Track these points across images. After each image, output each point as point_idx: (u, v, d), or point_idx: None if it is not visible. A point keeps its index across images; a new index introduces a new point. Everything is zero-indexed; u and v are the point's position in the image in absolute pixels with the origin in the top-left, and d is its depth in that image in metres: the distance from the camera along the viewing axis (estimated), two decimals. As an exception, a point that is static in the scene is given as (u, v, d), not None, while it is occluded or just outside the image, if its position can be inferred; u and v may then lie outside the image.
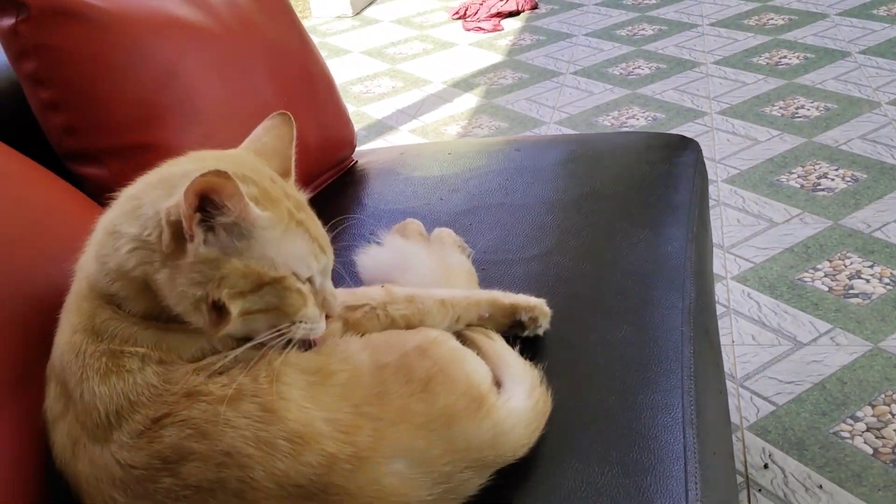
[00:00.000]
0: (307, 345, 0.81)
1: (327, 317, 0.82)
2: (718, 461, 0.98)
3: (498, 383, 0.90)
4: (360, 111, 3.55)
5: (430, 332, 0.88)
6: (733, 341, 1.92)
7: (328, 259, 0.81)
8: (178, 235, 0.72)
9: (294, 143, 0.88)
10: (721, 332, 1.68)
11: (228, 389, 0.73)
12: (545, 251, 1.21)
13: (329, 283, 0.82)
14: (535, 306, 1.02)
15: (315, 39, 4.49)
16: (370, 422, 0.75)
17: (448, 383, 0.81)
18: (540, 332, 1.02)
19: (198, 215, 0.70)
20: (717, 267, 2.08)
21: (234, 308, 0.73)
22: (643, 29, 4.05)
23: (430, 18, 4.69)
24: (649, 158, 1.47)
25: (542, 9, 4.56)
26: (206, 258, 0.72)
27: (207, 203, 0.70)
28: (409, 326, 0.91)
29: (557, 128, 3.15)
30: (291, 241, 0.76)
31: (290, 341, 0.77)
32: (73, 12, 1.10)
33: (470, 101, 3.52)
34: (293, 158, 0.87)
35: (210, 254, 0.72)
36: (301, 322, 0.77)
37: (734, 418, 1.70)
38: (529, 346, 1.01)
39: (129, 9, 1.17)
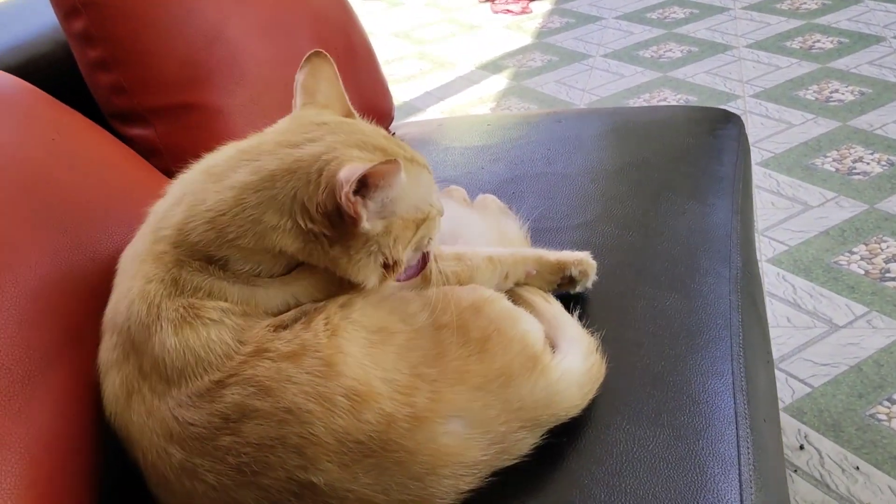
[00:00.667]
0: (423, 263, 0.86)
1: None
2: (769, 428, 0.97)
3: (553, 345, 0.90)
4: (389, 91, 3.54)
5: (484, 290, 0.88)
6: (768, 323, 1.90)
7: (432, 174, 0.86)
8: (336, 222, 0.75)
9: (340, 80, 0.89)
10: (759, 310, 1.66)
11: (293, 345, 0.73)
12: (590, 220, 1.21)
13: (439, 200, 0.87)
14: (583, 259, 1.02)
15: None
16: (427, 383, 0.75)
17: (504, 343, 0.81)
18: (589, 284, 1.03)
19: (359, 199, 0.73)
20: (752, 248, 2.06)
21: (405, 255, 0.80)
22: (674, 12, 4.01)
23: (457, 1, 4.67)
24: (692, 130, 1.45)
25: (571, -9, 4.53)
26: (377, 231, 0.76)
27: (364, 186, 0.73)
28: (460, 283, 0.90)
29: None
30: (419, 182, 0.82)
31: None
32: (123, -30, 1.11)
33: (499, 83, 3.50)
34: (346, 95, 0.88)
35: (377, 227, 0.76)
36: (435, 235, 0.84)
37: (770, 398, 1.69)
38: (574, 309, 1.01)
39: (177, -32, 1.17)
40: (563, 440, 0.84)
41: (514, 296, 0.97)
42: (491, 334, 0.80)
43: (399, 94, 3.52)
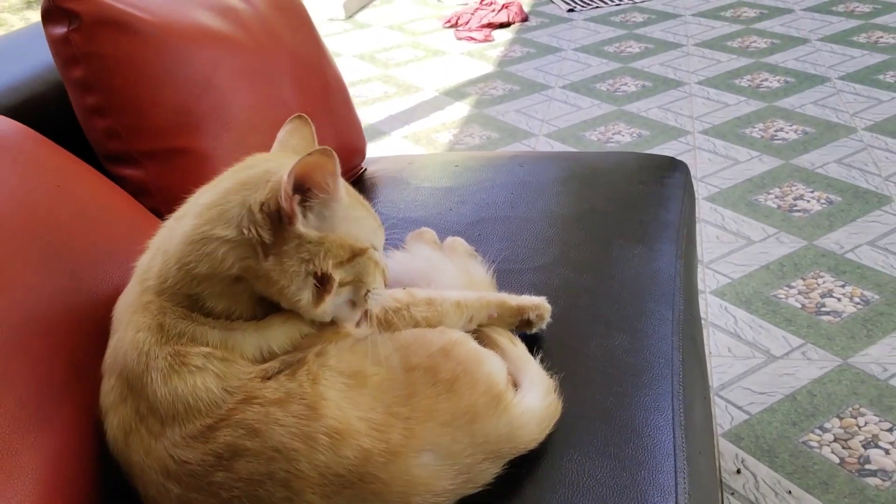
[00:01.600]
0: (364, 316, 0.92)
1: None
2: (703, 460, 1.09)
3: (516, 384, 1.00)
4: (354, 115, 3.62)
5: (452, 333, 0.97)
6: (710, 353, 2.02)
7: (383, 234, 0.94)
8: (276, 225, 0.82)
9: (316, 141, 0.98)
10: (702, 343, 1.78)
11: (279, 393, 0.82)
12: (548, 262, 1.31)
13: (383, 257, 0.94)
14: (539, 304, 1.12)
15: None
16: (401, 421, 0.84)
17: (471, 383, 0.90)
18: (544, 326, 1.13)
19: (297, 196, 0.81)
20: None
21: (337, 275, 0.84)
22: (630, 46, 4.17)
23: (422, 25, 4.78)
24: (642, 178, 1.57)
25: (533, 21, 4.67)
26: (310, 238, 0.82)
27: (303, 189, 0.81)
28: (430, 326, 1.00)
29: (546, 140, 3.25)
30: (364, 219, 0.90)
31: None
32: (121, 23, 1.18)
33: (461, 109, 3.61)
34: None
35: (311, 234, 0.82)
36: (373, 291, 0.90)
37: (711, 424, 1.81)
38: (534, 348, 1.11)
39: (171, 21, 1.25)
40: (521, 470, 0.93)
41: (482, 336, 1.07)
42: (459, 375, 0.90)
43: (365, 116, 3.60)
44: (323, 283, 0.85)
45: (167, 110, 1.22)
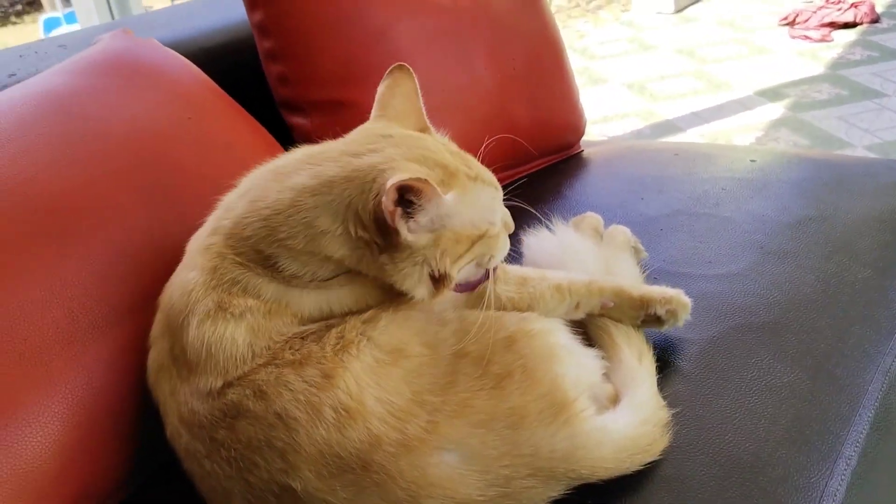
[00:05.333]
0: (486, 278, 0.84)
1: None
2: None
3: (616, 400, 0.84)
4: (651, 108, 3.42)
5: (532, 321, 0.82)
6: None
7: (500, 192, 0.84)
8: (384, 231, 0.74)
9: (420, 99, 0.87)
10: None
11: (297, 354, 0.74)
12: (734, 272, 1.08)
13: (502, 207, 0.84)
14: (672, 298, 0.92)
15: (629, 33, 4.41)
16: (426, 411, 0.73)
17: (527, 382, 0.75)
18: (680, 324, 0.93)
19: (399, 209, 0.72)
20: None
21: (454, 271, 0.77)
22: None
23: (754, 22, 4.37)
24: (905, 194, 1.25)
25: (884, 23, 4.05)
26: (421, 244, 0.75)
27: (405, 198, 0.73)
28: (517, 309, 0.86)
29: (865, 153, 2.79)
30: (477, 198, 0.80)
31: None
32: (302, -33, 1.18)
33: (773, 111, 3.24)
34: (423, 109, 0.87)
35: (421, 240, 0.75)
36: (498, 252, 0.82)
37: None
38: (669, 360, 0.94)
39: (357, -32, 1.22)
40: (587, 502, 0.77)
41: (604, 335, 0.91)
42: (514, 371, 0.75)
43: (662, 110, 3.39)
44: (439, 279, 0.77)
45: (336, 59, 1.19)
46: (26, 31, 5.73)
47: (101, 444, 0.82)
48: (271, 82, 1.23)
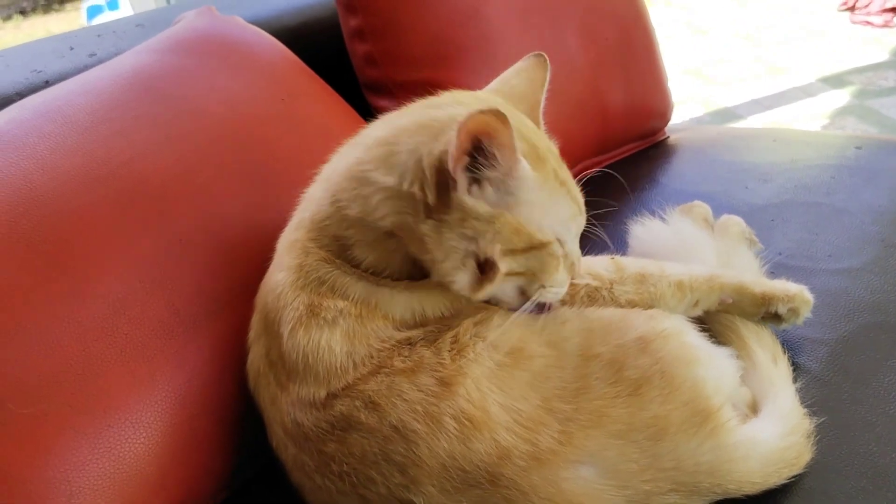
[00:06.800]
0: (541, 308, 0.74)
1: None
2: None
3: (755, 411, 0.77)
4: (709, 95, 3.32)
5: (661, 321, 0.75)
6: None
7: (583, 220, 0.75)
8: (442, 186, 0.66)
9: (545, 88, 0.80)
10: None
11: (409, 361, 0.68)
12: (857, 266, 1.01)
13: (577, 246, 0.75)
14: (795, 296, 0.85)
15: (683, 16, 4.29)
16: (558, 421, 0.66)
17: (667, 388, 0.69)
18: (800, 322, 0.86)
19: (466, 158, 0.64)
20: None
21: (504, 266, 0.68)
22: None
23: (812, 5, 4.24)
24: None
25: (953, 5, 3.90)
26: (477, 213, 0.66)
27: (477, 151, 0.65)
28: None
29: (939, 141, 2.68)
30: (556, 203, 0.71)
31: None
32: (392, -59, 1.12)
33: (838, 99, 3.12)
34: (542, 105, 0.79)
35: (479, 207, 0.66)
36: (549, 287, 0.71)
37: None
38: (798, 362, 0.87)
39: (446, -56, 1.16)
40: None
41: (735, 337, 0.84)
42: (652, 376, 0.69)
43: (720, 97, 3.28)
44: (485, 270, 0.68)
45: (425, 38, 1.13)
46: (69, 19, 5.73)
47: (203, 445, 0.77)
48: (356, 63, 1.18)
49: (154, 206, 0.80)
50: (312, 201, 0.76)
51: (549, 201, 0.70)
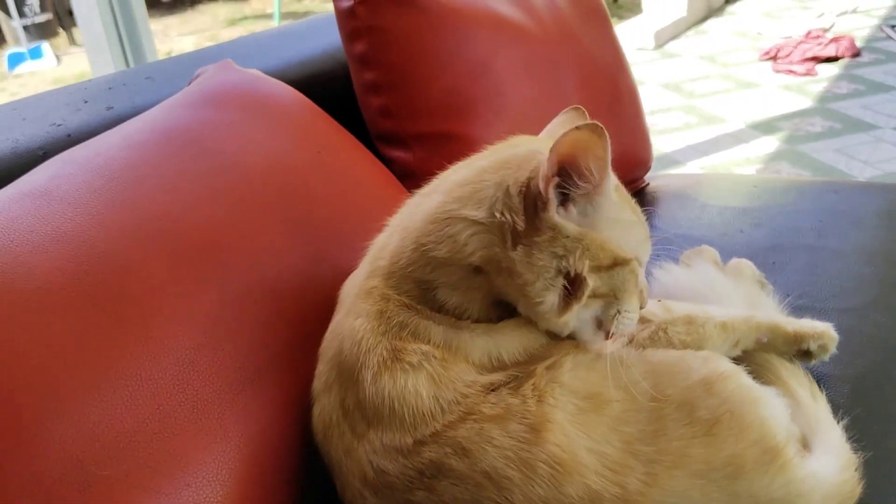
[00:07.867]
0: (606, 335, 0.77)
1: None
2: None
3: (806, 447, 0.80)
4: (650, 142, 3.45)
5: (719, 362, 0.78)
6: None
7: (650, 248, 0.79)
8: (530, 210, 0.70)
9: None
10: None
11: (497, 409, 0.69)
12: (860, 305, 1.07)
13: (644, 276, 0.78)
14: (823, 333, 0.91)
15: (612, 67, 4.46)
16: (642, 463, 0.68)
17: (737, 428, 0.72)
18: (826, 358, 0.92)
19: (556, 179, 0.69)
20: None
21: (591, 281, 0.71)
22: None
23: (736, 57, 4.47)
24: None
25: (865, 57, 4.18)
26: (567, 230, 0.70)
27: (563, 173, 0.69)
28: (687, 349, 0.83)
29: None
30: (633, 225, 0.76)
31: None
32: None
33: (769, 144, 3.29)
34: None
35: (567, 227, 0.70)
36: (625, 312, 0.75)
37: None
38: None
39: (457, 0, 1.19)
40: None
41: (773, 376, 0.88)
42: (721, 416, 0.72)
43: (659, 145, 3.41)
44: (573, 287, 0.71)
45: (440, 91, 1.16)
46: (-13, 67, 5.56)
47: (272, 502, 0.75)
48: (370, 115, 1.19)
49: (208, 260, 0.80)
50: (387, 249, 0.77)
51: (628, 221, 0.75)
